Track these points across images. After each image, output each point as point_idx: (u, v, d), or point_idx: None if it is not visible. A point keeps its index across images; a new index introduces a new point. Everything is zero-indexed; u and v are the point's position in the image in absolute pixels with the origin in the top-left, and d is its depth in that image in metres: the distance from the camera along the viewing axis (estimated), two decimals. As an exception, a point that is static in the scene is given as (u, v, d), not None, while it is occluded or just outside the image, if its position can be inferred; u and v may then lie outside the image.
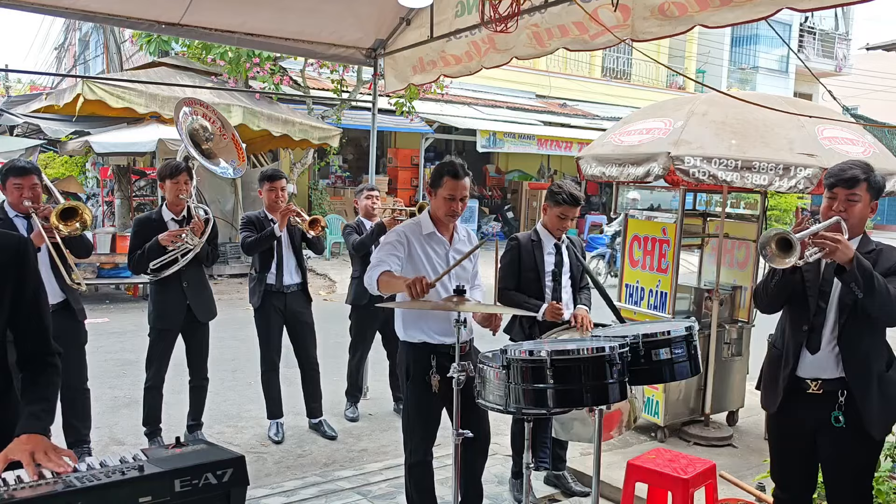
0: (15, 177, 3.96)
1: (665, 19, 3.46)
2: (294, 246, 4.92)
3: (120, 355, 6.92)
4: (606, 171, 4.98)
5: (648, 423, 5.10)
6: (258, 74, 11.98)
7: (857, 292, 2.66)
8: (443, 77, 5.27)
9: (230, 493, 1.75)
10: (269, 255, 4.84)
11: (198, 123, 4.78)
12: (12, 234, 2.12)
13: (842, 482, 2.90)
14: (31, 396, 2.00)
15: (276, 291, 4.85)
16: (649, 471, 3.32)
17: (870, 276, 2.63)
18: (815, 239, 2.68)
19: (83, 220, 4.01)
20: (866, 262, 2.66)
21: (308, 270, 5.92)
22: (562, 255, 4.06)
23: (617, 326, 3.53)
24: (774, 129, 4.60)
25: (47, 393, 2.04)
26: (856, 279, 2.63)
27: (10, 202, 4.02)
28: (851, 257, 2.63)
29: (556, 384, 2.49)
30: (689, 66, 22.27)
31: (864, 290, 2.64)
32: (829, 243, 2.64)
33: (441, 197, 3.31)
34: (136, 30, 9.17)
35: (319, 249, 5.08)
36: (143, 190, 12.45)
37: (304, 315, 5.00)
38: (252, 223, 4.86)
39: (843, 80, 23.11)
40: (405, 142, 17.17)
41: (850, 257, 2.63)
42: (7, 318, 2.01)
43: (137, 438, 4.77)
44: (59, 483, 1.62)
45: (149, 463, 1.72)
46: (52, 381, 2.09)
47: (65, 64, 23.06)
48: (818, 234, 2.67)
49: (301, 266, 4.97)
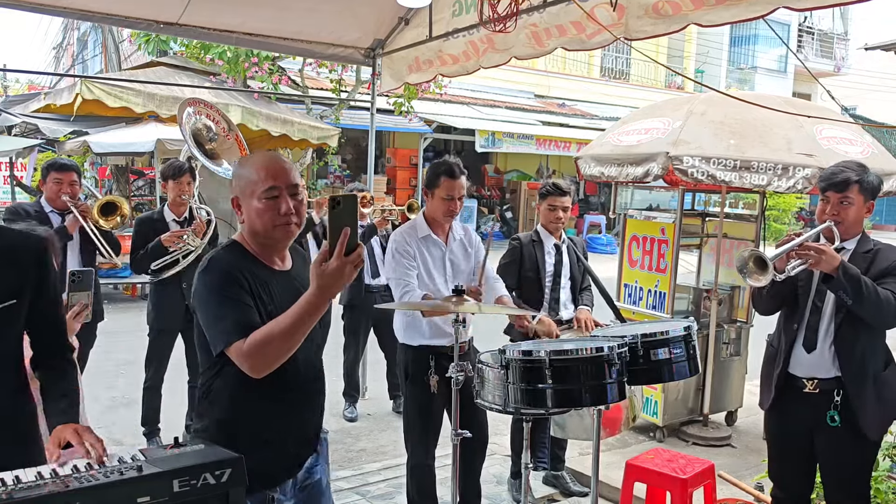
0: (56, 172, 4.15)
1: (659, 18, 3.46)
2: (317, 243, 4.96)
3: (119, 355, 6.91)
4: (605, 171, 4.99)
5: (647, 422, 5.10)
6: (257, 74, 11.97)
7: (845, 299, 2.67)
8: (440, 76, 5.27)
9: (229, 494, 1.75)
10: None
11: (201, 123, 4.78)
12: (33, 234, 2.15)
13: (839, 481, 2.90)
14: (54, 394, 2.03)
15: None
16: (648, 471, 3.32)
17: (857, 283, 2.64)
18: (798, 251, 2.69)
19: (123, 213, 4.22)
20: (853, 270, 2.66)
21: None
22: (562, 255, 4.07)
23: (616, 326, 3.53)
24: (773, 129, 4.61)
25: (68, 390, 2.06)
26: (843, 287, 2.65)
27: (48, 197, 4.19)
28: (837, 266, 2.64)
29: (555, 384, 2.49)
30: (687, 66, 22.29)
31: (853, 297, 2.65)
32: (812, 254, 2.66)
33: (439, 197, 3.31)
34: (134, 29, 9.15)
35: None
36: (142, 190, 12.44)
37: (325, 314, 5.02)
38: None
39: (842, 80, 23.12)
40: (404, 142, 17.17)
41: (835, 266, 2.64)
42: (26, 316, 2.03)
43: (136, 438, 4.76)
44: (58, 483, 1.62)
45: (147, 463, 1.72)
46: (72, 378, 2.12)
47: (63, 63, 23.03)
48: (802, 246, 2.69)
49: None
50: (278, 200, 2.00)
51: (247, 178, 2.03)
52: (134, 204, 12.12)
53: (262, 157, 2.10)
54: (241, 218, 2.08)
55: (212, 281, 1.96)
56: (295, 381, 2.06)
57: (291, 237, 2.08)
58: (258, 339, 1.84)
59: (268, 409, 2.02)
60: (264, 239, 2.05)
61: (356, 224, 1.76)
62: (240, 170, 2.10)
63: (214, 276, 1.96)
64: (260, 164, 2.04)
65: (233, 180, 2.10)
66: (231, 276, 1.95)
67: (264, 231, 2.03)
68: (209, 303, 1.94)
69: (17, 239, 2.06)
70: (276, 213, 2.00)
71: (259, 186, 2.00)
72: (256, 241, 2.07)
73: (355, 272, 1.76)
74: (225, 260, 2.01)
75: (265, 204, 1.99)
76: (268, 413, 2.02)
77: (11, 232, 2.10)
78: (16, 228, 2.17)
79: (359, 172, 16.22)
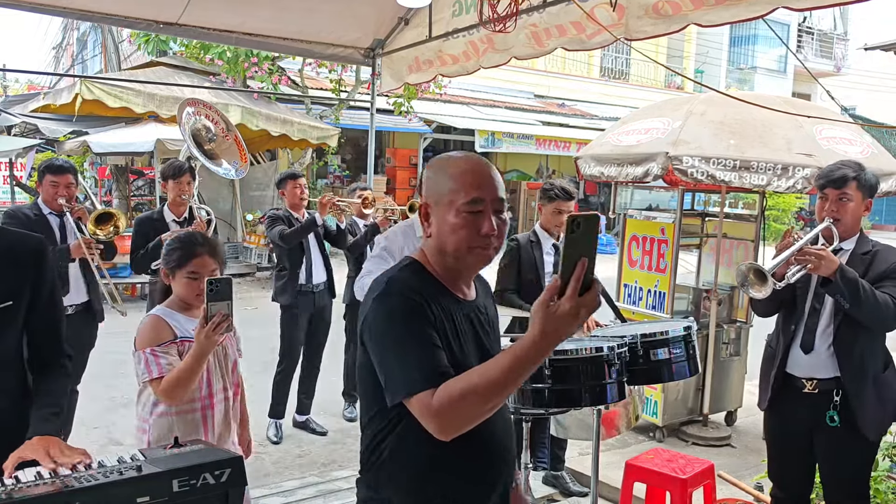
0: (52, 174, 4.10)
1: (659, 18, 3.47)
2: (319, 243, 4.96)
3: (118, 355, 6.88)
4: (605, 171, 4.99)
5: (647, 423, 5.10)
6: (256, 74, 11.98)
7: (842, 303, 2.68)
8: (440, 77, 5.27)
9: (228, 494, 1.75)
10: (300, 253, 4.88)
11: (201, 124, 4.79)
12: (31, 235, 2.15)
13: (838, 481, 2.91)
14: (41, 400, 2.01)
15: (307, 292, 4.89)
16: (648, 471, 3.32)
17: (855, 287, 2.64)
18: (797, 256, 2.70)
19: (117, 224, 4.17)
20: (851, 274, 2.67)
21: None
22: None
23: (616, 326, 3.53)
24: (773, 129, 4.61)
25: (57, 396, 2.04)
26: (840, 291, 2.66)
27: (45, 199, 4.14)
28: (835, 270, 2.65)
29: (555, 384, 2.49)
30: (687, 66, 22.28)
31: (850, 301, 2.66)
32: (811, 259, 2.66)
33: None
34: (134, 29, 9.16)
35: (343, 244, 5.13)
36: (141, 190, 12.44)
37: (326, 313, 5.10)
38: (280, 218, 4.91)
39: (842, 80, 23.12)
40: (403, 142, 17.17)
41: (833, 270, 2.65)
42: (24, 318, 2.02)
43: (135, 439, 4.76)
44: (57, 483, 1.62)
45: (147, 463, 1.72)
46: (62, 385, 2.11)
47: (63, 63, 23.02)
48: (801, 251, 2.70)
49: (326, 263, 5.03)
50: (480, 217, 1.62)
51: (443, 185, 1.66)
52: (134, 204, 12.13)
53: (467, 161, 1.70)
54: (428, 231, 1.71)
55: (392, 309, 1.59)
56: (491, 436, 1.69)
57: (486, 264, 1.70)
58: (454, 394, 1.46)
59: (461, 471, 1.66)
60: (454, 261, 1.67)
61: (594, 254, 1.39)
62: (435, 173, 1.72)
63: (396, 304, 1.59)
64: (463, 168, 1.67)
65: (423, 182, 1.75)
66: (417, 306, 1.58)
67: (455, 251, 1.65)
68: (387, 337, 1.58)
69: (14, 240, 2.06)
70: (476, 232, 1.62)
71: (459, 197, 1.63)
72: (443, 262, 1.69)
73: (589, 315, 1.40)
74: (408, 284, 1.63)
75: (464, 219, 1.62)
76: (462, 476, 1.66)
77: (10, 233, 2.11)
78: (14, 230, 2.17)
79: (358, 172, 16.21)
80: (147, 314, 2.50)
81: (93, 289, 4.26)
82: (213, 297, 2.18)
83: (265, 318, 6.02)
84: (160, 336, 2.37)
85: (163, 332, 2.38)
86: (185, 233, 2.70)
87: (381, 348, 1.59)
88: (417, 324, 1.56)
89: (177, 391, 2.30)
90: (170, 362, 2.32)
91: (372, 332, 1.61)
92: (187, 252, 2.43)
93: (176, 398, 2.32)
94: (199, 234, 2.59)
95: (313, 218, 4.78)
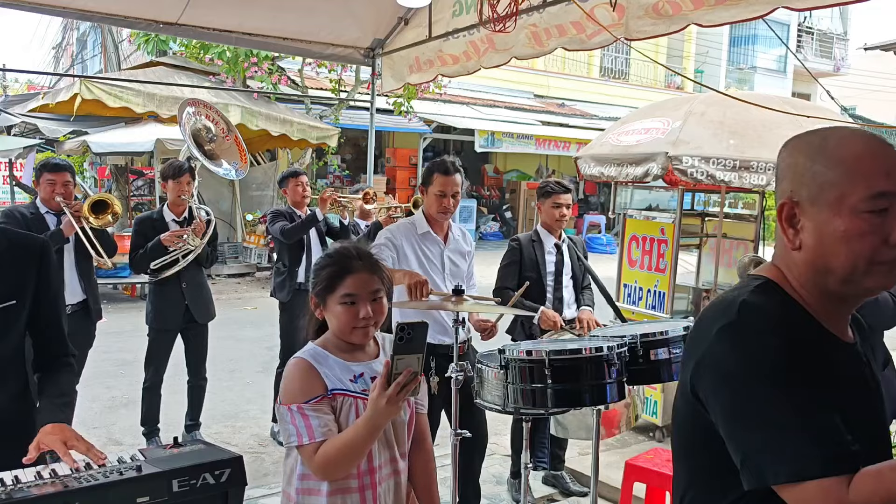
0: (49, 173, 4.12)
1: (659, 18, 3.47)
2: (321, 241, 4.96)
3: (118, 355, 6.91)
4: (605, 170, 4.99)
5: (647, 422, 5.10)
6: (256, 74, 11.97)
7: None
8: (440, 77, 5.27)
9: (228, 494, 1.75)
10: (300, 249, 4.87)
11: (201, 124, 4.79)
12: (35, 236, 2.16)
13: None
14: (50, 391, 2.01)
15: (306, 290, 4.88)
16: (648, 471, 3.32)
17: None
18: None
19: (114, 212, 4.18)
20: None
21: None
22: (562, 255, 4.07)
23: (615, 326, 3.53)
24: (773, 129, 4.61)
25: (66, 390, 2.05)
26: None
27: (43, 198, 4.16)
28: None
29: (555, 384, 2.50)
30: (687, 66, 22.30)
31: None
32: None
33: (432, 194, 3.33)
34: (133, 29, 9.16)
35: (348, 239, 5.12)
36: (141, 190, 12.43)
37: None
38: (282, 214, 4.91)
39: (842, 81, 23.13)
40: (403, 141, 17.17)
41: None
42: (27, 318, 2.03)
43: (135, 438, 4.76)
44: (57, 483, 1.62)
45: (146, 463, 1.72)
46: (70, 381, 2.11)
47: (62, 63, 23.03)
48: None
49: None
50: (889, 218, 1.12)
51: (827, 173, 1.16)
52: (133, 204, 12.12)
53: (863, 140, 1.17)
54: (797, 241, 1.19)
55: (767, 353, 1.11)
56: None
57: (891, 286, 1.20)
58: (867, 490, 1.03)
59: None
60: (841, 285, 1.17)
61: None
62: (808, 157, 1.20)
63: (777, 346, 1.11)
64: (860, 150, 1.15)
65: (784, 170, 1.26)
66: (805, 355, 1.12)
67: (849, 271, 1.15)
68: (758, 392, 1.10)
69: (17, 239, 2.07)
70: (882, 240, 1.12)
71: (856, 190, 1.12)
72: (822, 286, 1.19)
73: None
74: (785, 321, 1.15)
75: (865, 222, 1.12)
76: None
77: (11, 232, 2.11)
78: (17, 230, 2.18)
79: (358, 172, 16.21)
80: (294, 357, 1.90)
81: (90, 288, 4.26)
82: (401, 350, 1.67)
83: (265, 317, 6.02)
84: (310, 389, 1.80)
85: (313, 383, 1.81)
86: (333, 247, 2.02)
87: (739, 404, 1.11)
88: (807, 380, 1.09)
89: (338, 469, 1.78)
90: (326, 424, 1.77)
91: (723, 379, 1.14)
92: (339, 269, 1.86)
93: (334, 476, 1.80)
94: (353, 245, 1.96)
95: (314, 213, 4.78)
